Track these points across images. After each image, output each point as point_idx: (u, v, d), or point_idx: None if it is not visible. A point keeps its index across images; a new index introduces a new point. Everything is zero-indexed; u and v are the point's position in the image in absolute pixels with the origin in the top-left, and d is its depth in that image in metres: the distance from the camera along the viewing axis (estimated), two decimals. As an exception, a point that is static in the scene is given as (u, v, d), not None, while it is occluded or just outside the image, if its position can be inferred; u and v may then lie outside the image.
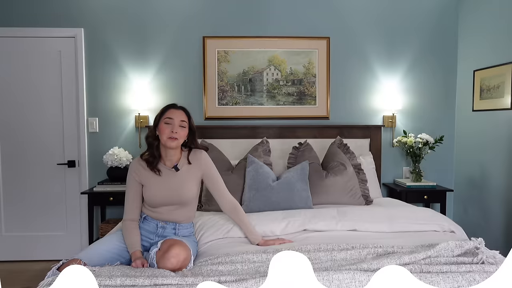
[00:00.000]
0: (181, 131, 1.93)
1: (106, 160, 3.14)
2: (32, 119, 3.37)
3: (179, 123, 1.93)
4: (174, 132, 1.90)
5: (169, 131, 1.91)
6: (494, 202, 3.10)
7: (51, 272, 1.63)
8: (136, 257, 1.79)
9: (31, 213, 3.42)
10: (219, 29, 3.41)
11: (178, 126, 1.92)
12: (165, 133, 1.91)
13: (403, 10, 3.47)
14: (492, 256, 1.65)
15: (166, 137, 1.91)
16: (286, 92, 3.46)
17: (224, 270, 1.62)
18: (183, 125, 1.95)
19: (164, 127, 1.92)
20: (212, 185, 2.09)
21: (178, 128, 1.92)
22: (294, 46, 3.43)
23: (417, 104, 3.53)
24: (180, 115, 1.96)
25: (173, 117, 1.93)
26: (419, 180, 3.30)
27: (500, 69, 2.99)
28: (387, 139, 3.53)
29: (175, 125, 1.92)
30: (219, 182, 2.10)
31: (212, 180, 2.08)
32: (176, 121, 1.92)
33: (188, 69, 3.42)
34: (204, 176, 2.07)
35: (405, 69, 3.50)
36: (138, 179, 1.99)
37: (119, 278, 1.43)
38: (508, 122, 2.93)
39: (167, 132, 1.91)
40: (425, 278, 1.43)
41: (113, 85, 3.40)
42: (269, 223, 2.18)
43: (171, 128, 1.91)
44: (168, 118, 1.93)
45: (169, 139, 1.91)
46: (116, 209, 3.43)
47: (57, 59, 3.36)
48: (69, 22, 3.34)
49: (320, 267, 1.60)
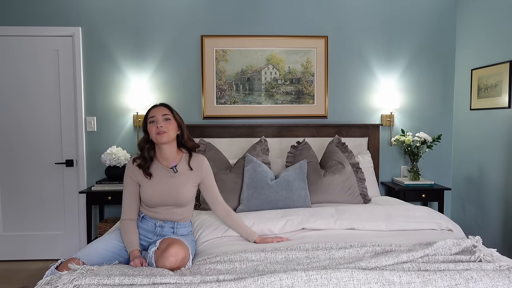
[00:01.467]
0: (167, 124, 1.96)
1: (104, 159, 3.13)
2: (30, 118, 3.36)
3: (162, 117, 1.96)
4: (160, 127, 1.93)
5: (155, 127, 1.94)
6: (491, 201, 3.11)
7: (50, 271, 1.62)
8: (135, 256, 1.79)
9: (29, 212, 3.41)
10: (217, 28, 3.41)
11: (162, 121, 1.95)
12: (152, 131, 1.95)
13: (401, 9, 3.48)
14: (490, 254, 1.65)
15: (155, 134, 1.94)
16: (284, 91, 3.46)
17: (223, 269, 1.62)
18: (167, 118, 1.97)
19: (151, 127, 1.96)
20: (208, 192, 2.11)
21: (163, 122, 1.95)
22: (292, 45, 3.43)
23: (415, 103, 3.54)
24: (161, 110, 1.99)
25: (155, 115, 1.97)
26: (417, 179, 3.31)
27: (498, 68, 3.00)
28: (385, 138, 3.54)
29: (159, 120, 1.95)
30: (215, 188, 2.13)
31: (208, 187, 2.10)
32: (158, 117, 1.96)
33: (186, 68, 3.42)
34: (201, 182, 2.09)
35: (403, 68, 3.51)
36: (134, 178, 2.00)
37: (118, 277, 1.43)
38: (506, 120, 2.94)
39: (153, 129, 1.94)
40: (422, 276, 1.44)
41: (111, 84, 3.39)
42: (267, 222, 2.18)
43: (156, 124, 1.95)
44: (151, 117, 1.97)
45: (157, 135, 1.94)
46: (115, 208, 3.43)
47: (54, 58, 3.35)
48: (66, 21, 3.33)
49: (318, 266, 1.60)
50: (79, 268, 1.51)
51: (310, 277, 1.41)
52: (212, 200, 2.12)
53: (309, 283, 1.40)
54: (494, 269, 1.52)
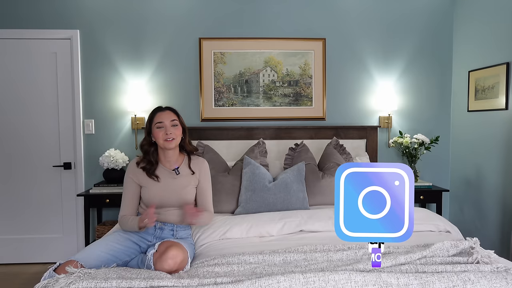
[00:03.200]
0: (175, 131, 1.98)
1: (102, 162, 3.13)
2: (28, 121, 3.36)
3: (170, 123, 1.98)
4: (169, 134, 1.95)
5: (163, 133, 1.96)
6: (489, 202, 3.12)
7: (48, 273, 1.62)
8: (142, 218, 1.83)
9: (27, 215, 3.40)
10: (215, 31, 3.41)
11: (170, 127, 1.97)
12: (160, 137, 1.96)
13: (398, 11, 3.49)
14: (487, 256, 1.66)
15: (163, 140, 1.96)
16: (283, 93, 3.47)
17: (220, 272, 1.62)
18: (174, 124, 1.99)
19: (158, 132, 1.97)
20: (199, 196, 2.11)
21: (171, 129, 1.97)
22: (290, 47, 3.44)
23: (413, 104, 3.55)
24: (169, 115, 2.00)
25: (163, 120, 1.97)
26: (415, 181, 3.32)
27: (495, 70, 3.01)
28: (383, 140, 3.54)
29: (167, 126, 1.96)
30: (207, 194, 2.11)
31: (201, 190, 2.11)
32: (167, 122, 1.97)
33: (184, 71, 3.42)
34: (198, 183, 2.10)
35: (400, 70, 3.52)
36: (136, 180, 2.03)
37: (115, 281, 1.43)
38: (503, 122, 2.94)
39: (161, 135, 1.96)
40: (420, 278, 1.44)
41: (109, 86, 3.39)
42: (265, 224, 2.18)
43: (164, 130, 1.96)
44: (158, 122, 1.97)
45: (166, 142, 1.96)
46: (113, 211, 3.42)
47: (52, 61, 3.35)
48: (64, 24, 3.33)
49: (316, 268, 1.60)
50: (76, 271, 1.51)
51: (308, 279, 1.42)
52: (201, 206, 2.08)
53: (307, 286, 1.40)
54: (492, 271, 1.52)
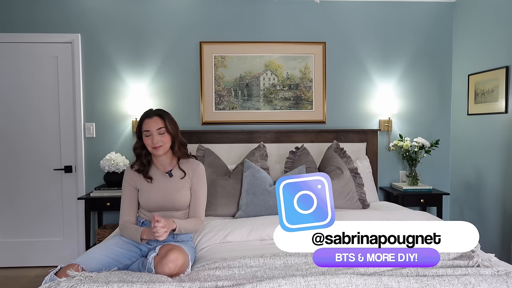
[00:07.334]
0: (162, 138, 1.97)
1: (103, 165, 3.13)
2: (29, 125, 3.36)
3: (156, 132, 1.97)
4: (155, 142, 1.96)
5: (151, 142, 1.97)
6: (489, 205, 3.12)
7: (49, 277, 1.62)
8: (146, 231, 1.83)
9: (27, 218, 3.40)
10: (215, 34, 3.43)
11: (157, 135, 1.97)
12: (148, 144, 1.98)
13: (398, 15, 3.51)
14: (488, 259, 1.66)
15: (151, 148, 1.98)
16: (283, 97, 3.48)
17: (222, 275, 1.62)
18: (161, 132, 1.98)
19: (146, 139, 1.98)
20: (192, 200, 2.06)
21: (158, 137, 1.97)
22: (290, 51, 3.45)
23: (413, 108, 3.55)
24: (155, 123, 1.97)
25: (149, 128, 1.97)
26: (416, 184, 3.32)
27: (494, 73, 3.02)
28: (384, 143, 3.55)
29: (154, 135, 1.96)
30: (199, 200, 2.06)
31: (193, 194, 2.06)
32: (153, 131, 1.97)
33: (185, 74, 3.43)
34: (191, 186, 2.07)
35: (400, 73, 3.53)
36: (133, 184, 2.04)
37: (116, 284, 1.43)
38: (503, 125, 2.95)
39: (149, 143, 1.97)
40: (421, 282, 1.44)
41: (110, 90, 3.40)
42: (266, 228, 2.18)
43: (151, 139, 1.96)
44: (145, 131, 1.98)
45: (154, 149, 1.98)
46: (113, 215, 3.42)
47: (54, 65, 3.36)
48: (65, 27, 3.34)
49: (317, 271, 1.60)
50: (77, 275, 1.51)
51: (309, 283, 1.42)
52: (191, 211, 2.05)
53: (308, 289, 1.40)
54: (492, 274, 1.53)
